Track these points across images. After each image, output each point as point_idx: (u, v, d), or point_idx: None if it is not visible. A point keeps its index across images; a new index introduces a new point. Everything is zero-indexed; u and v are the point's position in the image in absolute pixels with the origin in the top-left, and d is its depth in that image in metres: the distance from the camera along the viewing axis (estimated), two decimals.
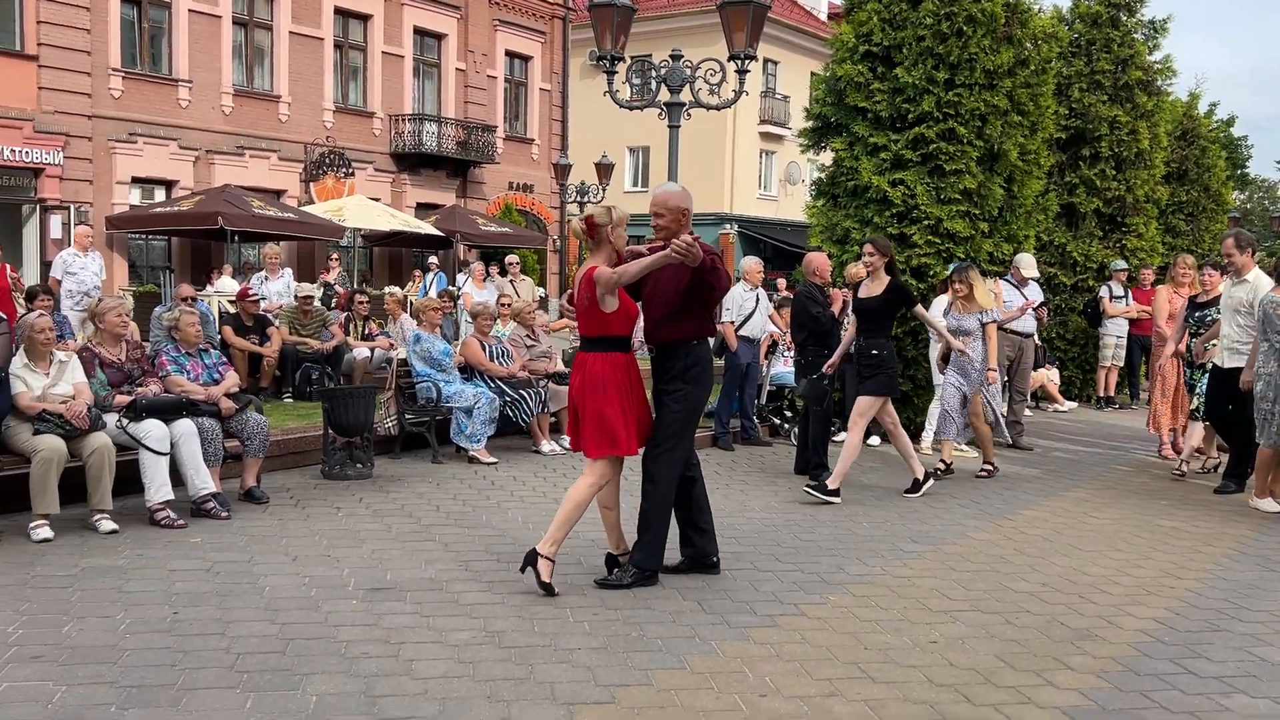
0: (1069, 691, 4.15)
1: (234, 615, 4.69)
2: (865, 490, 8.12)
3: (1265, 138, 67.89)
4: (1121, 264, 13.73)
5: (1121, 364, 13.80)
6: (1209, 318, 8.85)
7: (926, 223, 10.10)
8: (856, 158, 10.46)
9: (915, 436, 10.25)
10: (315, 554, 5.74)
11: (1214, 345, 8.58)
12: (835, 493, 7.54)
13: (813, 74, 30.16)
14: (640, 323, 5.50)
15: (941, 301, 9.87)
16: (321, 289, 15.03)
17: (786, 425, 10.62)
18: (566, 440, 9.53)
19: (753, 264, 10.23)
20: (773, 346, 11.14)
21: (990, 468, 8.85)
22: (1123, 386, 14.61)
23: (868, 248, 7.72)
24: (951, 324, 8.65)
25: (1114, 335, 13.60)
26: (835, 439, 10.01)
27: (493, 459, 8.65)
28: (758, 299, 10.02)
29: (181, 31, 21.34)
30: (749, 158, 37.39)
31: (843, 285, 9.96)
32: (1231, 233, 8.31)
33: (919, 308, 7.88)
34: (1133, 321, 13.45)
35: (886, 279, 7.62)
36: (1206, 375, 8.67)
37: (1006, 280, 10.38)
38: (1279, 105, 76.35)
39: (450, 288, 16.69)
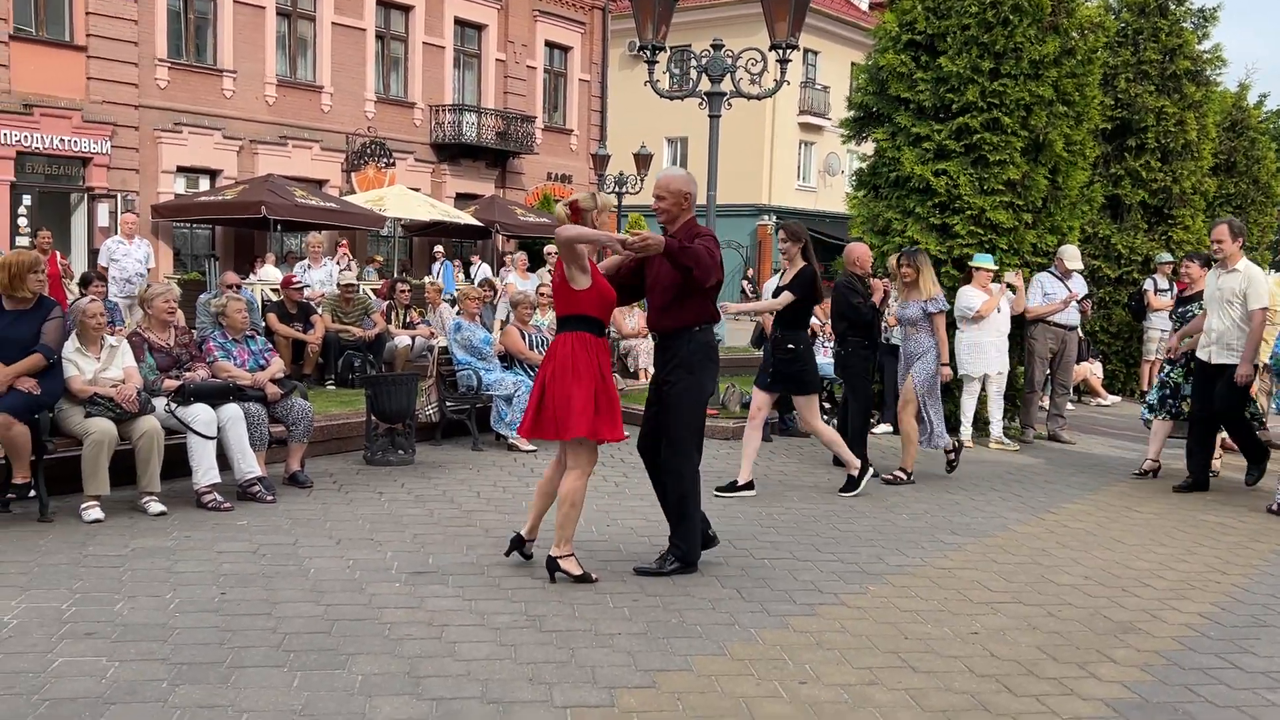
0: (1112, 684, 4.12)
1: (280, 596, 4.76)
2: (905, 482, 8.07)
3: None
4: (1167, 257, 13.53)
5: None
6: (1191, 313, 8.55)
7: (969, 213, 10.02)
8: (899, 148, 10.39)
9: (954, 429, 10.18)
10: (359, 537, 5.82)
11: (1188, 340, 8.33)
12: (858, 480, 7.51)
13: (853, 64, 29.95)
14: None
15: (969, 292, 9.79)
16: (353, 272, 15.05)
17: (825, 417, 10.58)
18: None
19: None
20: (811, 337, 11.08)
21: (902, 475, 8.03)
22: None
23: (780, 234, 7.44)
24: (897, 314, 8.35)
25: (1158, 329, 13.39)
26: (874, 430, 10.00)
27: (532, 446, 8.70)
28: None
29: (226, 22, 21.59)
30: (788, 149, 37.23)
31: (883, 275, 9.91)
32: (1224, 220, 7.93)
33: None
34: None
35: (799, 266, 7.26)
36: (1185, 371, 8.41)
37: (1050, 272, 10.28)
38: None
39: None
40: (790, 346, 7.21)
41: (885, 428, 10.27)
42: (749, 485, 7.37)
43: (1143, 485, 8.33)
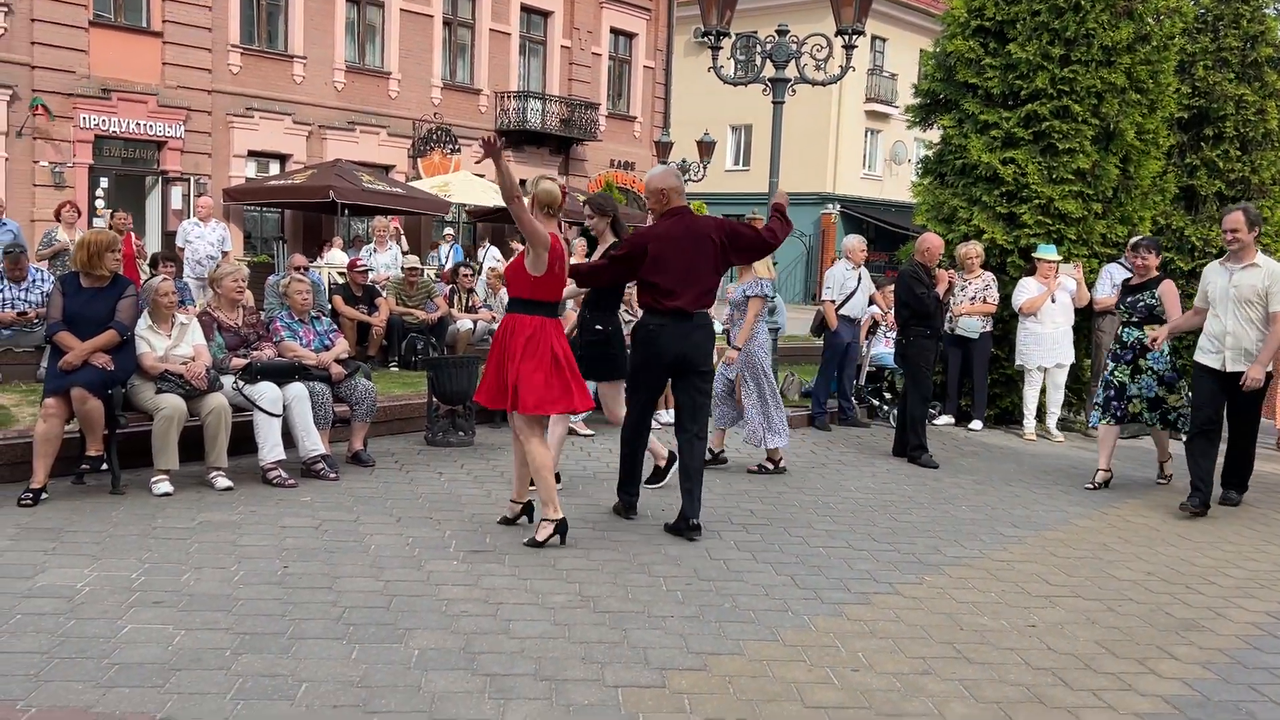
0: (1172, 681, 4.05)
1: (341, 571, 4.86)
2: (965, 474, 8.00)
3: None
4: None
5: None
6: (1141, 302, 7.66)
7: (1037, 202, 9.86)
8: (965, 135, 10.25)
9: (1018, 421, 10.05)
10: (418, 516, 5.91)
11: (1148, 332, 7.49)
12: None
13: (922, 51, 29.56)
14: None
15: (1024, 283, 9.63)
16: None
17: (885, 407, 10.51)
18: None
19: (855, 243, 10.11)
20: (873, 327, 11.01)
21: (767, 466, 7.61)
22: None
23: (586, 209, 6.81)
24: (729, 297, 7.69)
25: None
26: (934, 421, 9.91)
27: (589, 431, 8.75)
28: (859, 278, 9.90)
29: (297, 9, 21.90)
30: (854, 137, 36.84)
31: (949, 266, 9.79)
32: (1239, 207, 6.90)
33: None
34: None
35: (612, 240, 6.60)
36: (1146, 375, 7.55)
37: (1120, 263, 10.06)
38: None
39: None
40: (599, 328, 6.51)
41: (947, 418, 10.17)
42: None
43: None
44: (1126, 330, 7.74)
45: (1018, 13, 9.93)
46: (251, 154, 21.69)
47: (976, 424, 10.10)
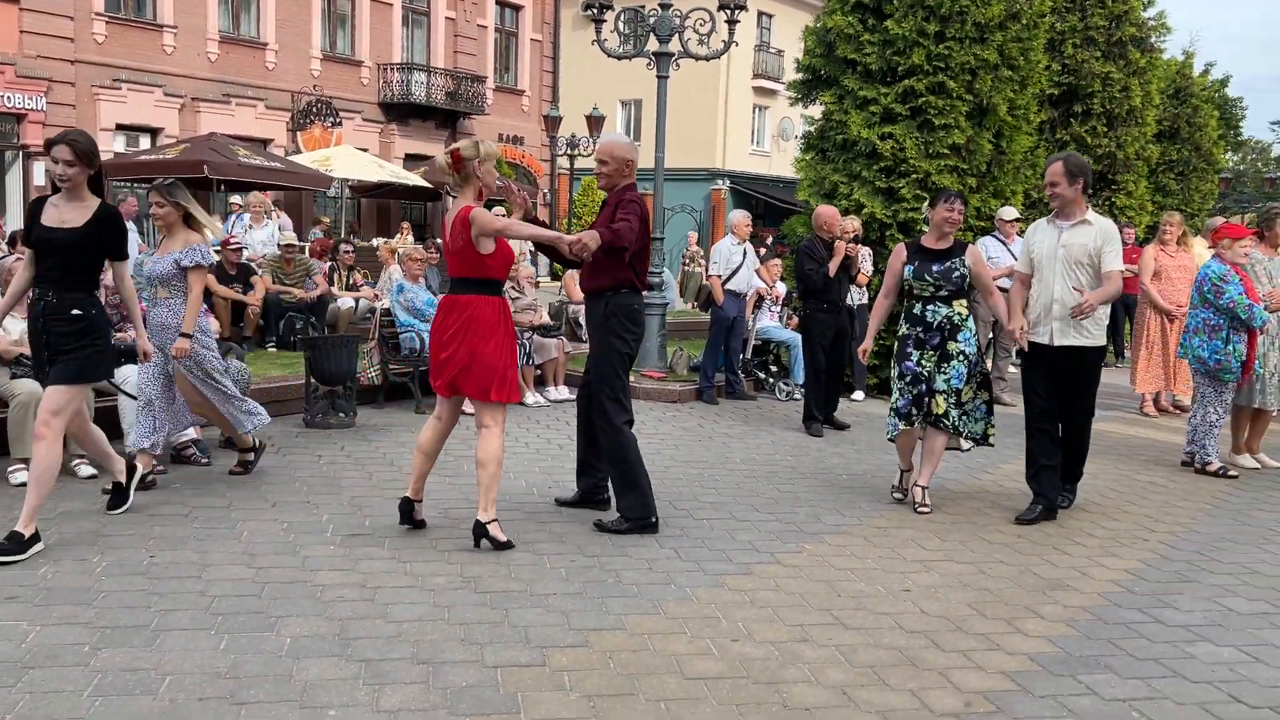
0: (1037, 639, 4.20)
1: (211, 559, 4.70)
2: (847, 444, 8.16)
3: (1265, 99, 67.35)
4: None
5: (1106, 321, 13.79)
6: (956, 273, 6.13)
7: (915, 177, 10.06)
8: (846, 111, 10.38)
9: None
10: (295, 500, 5.76)
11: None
12: (125, 489, 5.43)
13: (806, 27, 29.95)
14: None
15: (988, 243, 9.78)
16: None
17: (770, 380, 10.64)
18: (553, 391, 9.61)
19: (740, 218, 10.18)
20: (759, 301, 11.11)
21: (248, 459, 6.31)
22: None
23: (58, 152, 4.83)
24: (150, 269, 6.01)
25: None
26: (853, 397, 10.10)
27: (471, 410, 8.62)
28: (745, 253, 9.98)
29: None
30: (742, 113, 37.12)
31: (853, 240, 9.79)
32: (1061, 156, 6.10)
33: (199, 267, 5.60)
34: None
35: (93, 204, 4.95)
36: (957, 361, 6.09)
37: (994, 236, 10.35)
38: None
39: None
40: (76, 312, 4.89)
41: (858, 394, 10.31)
42: (35, 538, 4.69)
43: None
44: (932, 308, 6.16)
45: None
46: (120, 127, 20.82)
47: (858, 394, 10.31)
